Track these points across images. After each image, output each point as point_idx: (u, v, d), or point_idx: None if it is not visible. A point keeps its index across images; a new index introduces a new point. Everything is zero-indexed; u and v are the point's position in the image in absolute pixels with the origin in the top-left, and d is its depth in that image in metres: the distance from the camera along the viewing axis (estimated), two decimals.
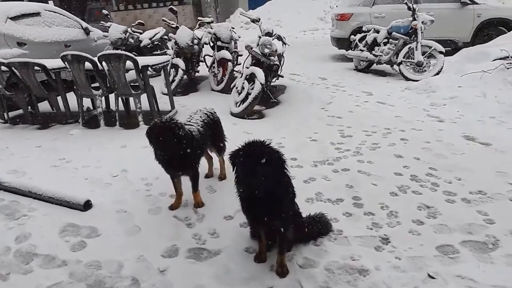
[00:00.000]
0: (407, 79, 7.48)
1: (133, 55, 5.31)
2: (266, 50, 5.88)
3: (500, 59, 6.25)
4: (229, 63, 7.40)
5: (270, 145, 2.18)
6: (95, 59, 5.31)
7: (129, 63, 5.22)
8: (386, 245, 2.67)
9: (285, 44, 6.56)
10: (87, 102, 6.16)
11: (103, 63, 5.30)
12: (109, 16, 9.07)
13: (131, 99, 5.95)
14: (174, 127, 2.72)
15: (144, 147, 4.63)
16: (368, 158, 4.09)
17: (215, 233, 2.92)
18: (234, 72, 7.66)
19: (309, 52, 12.14)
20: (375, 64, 8.59)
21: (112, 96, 5.87)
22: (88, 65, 5.37)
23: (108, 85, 5.70)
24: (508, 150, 4.07)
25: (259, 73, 5.68)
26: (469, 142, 4.38)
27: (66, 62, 5.41)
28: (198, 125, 3.18)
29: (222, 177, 3.76)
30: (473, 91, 5.80)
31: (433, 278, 2.34)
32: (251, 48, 6.04)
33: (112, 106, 6.23)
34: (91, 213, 3.25)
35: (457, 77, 6.31)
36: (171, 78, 6.96)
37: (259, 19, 6.11)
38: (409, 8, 7.57)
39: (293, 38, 15.13)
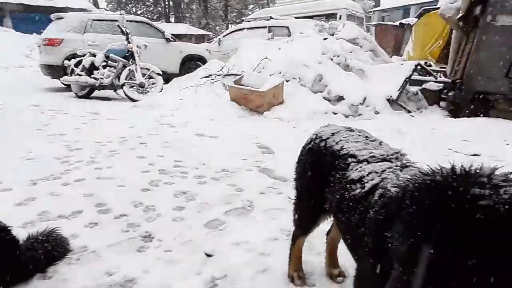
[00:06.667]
0: (132, 100, 7.10)
1: None
2: None
3: (205, 77, 7.00)
4: None
5: None
6: None
7: None
8: (150, 242, 1.98)
9: None
10: None
11: None
12: None
13: None
14: None
15: None
16: (107, 164, 3.26)
17: None
18: None
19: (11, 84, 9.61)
20: (98, 90, 7.74)
21: None
22: None
23: None
24: (226, 139, 4.35)
25: None
26: (201, 137, 4.42)
27: None
28: None
29: None
30: (192, 101, 6.14)
31: (211, 255, 1.87)
32: None
33: None
34: None
35: (177, 92, 6.55)
36: None
37: None
38: (122, 32, 7.32)
39: None
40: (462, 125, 4.93)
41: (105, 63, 7.56)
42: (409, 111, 5.86)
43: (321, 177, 1.35)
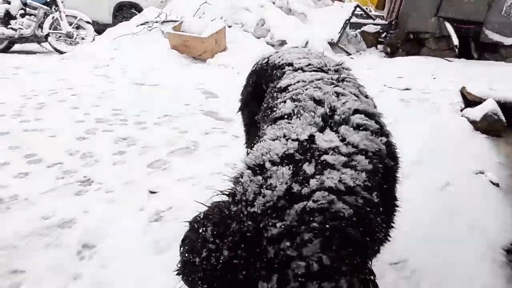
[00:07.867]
0: (60, 52, 6.36)
1: None
2: None
3: (141, 24, 6.45)
4: None
5: None
6: None
7: None
8: (89, 186, 1.89)
9: None
10: None
11: None
12: None
13: None
14: None
15: None
16: (35, 116, 2.96)
17: None
18: None
19: None
20: (19, 43, 6.80)
21: None
22: None
23: None
24: (168, 86, 4.13)
25: None
26: (141, 86, 4.17)
27: None
28: None
29: None
30: (128, 50, 5.68)
31: (155, 192, 1.83)
32: None
33: None
34: None
35: (111, 42, 6.00)
36: None
37: None
38: None
39: None
40: (397, 64, 5.19)
41: (23, 11, 6.57)
42: (349, 54, 6.00)
43: (263, 94, 1.27)
